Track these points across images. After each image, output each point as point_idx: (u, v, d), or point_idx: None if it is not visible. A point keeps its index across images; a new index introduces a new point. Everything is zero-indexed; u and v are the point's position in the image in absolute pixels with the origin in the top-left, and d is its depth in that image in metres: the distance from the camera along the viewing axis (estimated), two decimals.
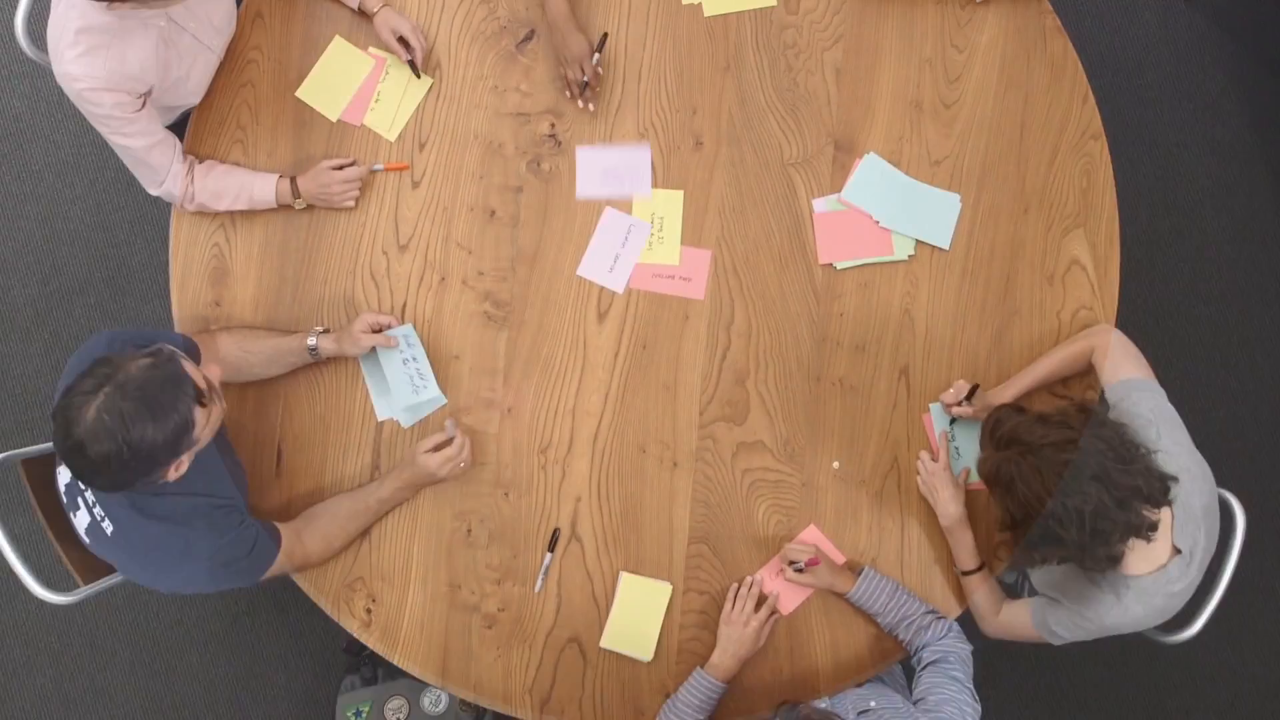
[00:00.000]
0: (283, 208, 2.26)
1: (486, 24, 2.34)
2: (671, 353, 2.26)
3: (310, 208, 2.28)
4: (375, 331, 2.18)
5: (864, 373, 2.26)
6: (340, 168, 2.25)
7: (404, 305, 2.28)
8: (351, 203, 2.26)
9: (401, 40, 2.25)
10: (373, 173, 2.26)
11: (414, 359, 2.22)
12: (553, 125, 2.32)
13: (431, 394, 2.20)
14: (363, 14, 2.28)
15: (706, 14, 2.31)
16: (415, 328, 2.24)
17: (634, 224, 2.31)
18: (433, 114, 2.31)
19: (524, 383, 2.27)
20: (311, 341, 2.16)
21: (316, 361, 2.19)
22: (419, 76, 2.26)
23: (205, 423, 1.78)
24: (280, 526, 2.08)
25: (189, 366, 1.76)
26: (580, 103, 2.25)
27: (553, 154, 2.31)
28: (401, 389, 2.19)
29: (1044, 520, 1.75)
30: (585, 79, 2.21)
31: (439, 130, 2.31)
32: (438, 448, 2.14)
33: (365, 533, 2.22)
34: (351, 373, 2.26)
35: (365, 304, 2.27)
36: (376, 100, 2.31)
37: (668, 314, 2.27)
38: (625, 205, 2.29)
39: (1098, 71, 2.35)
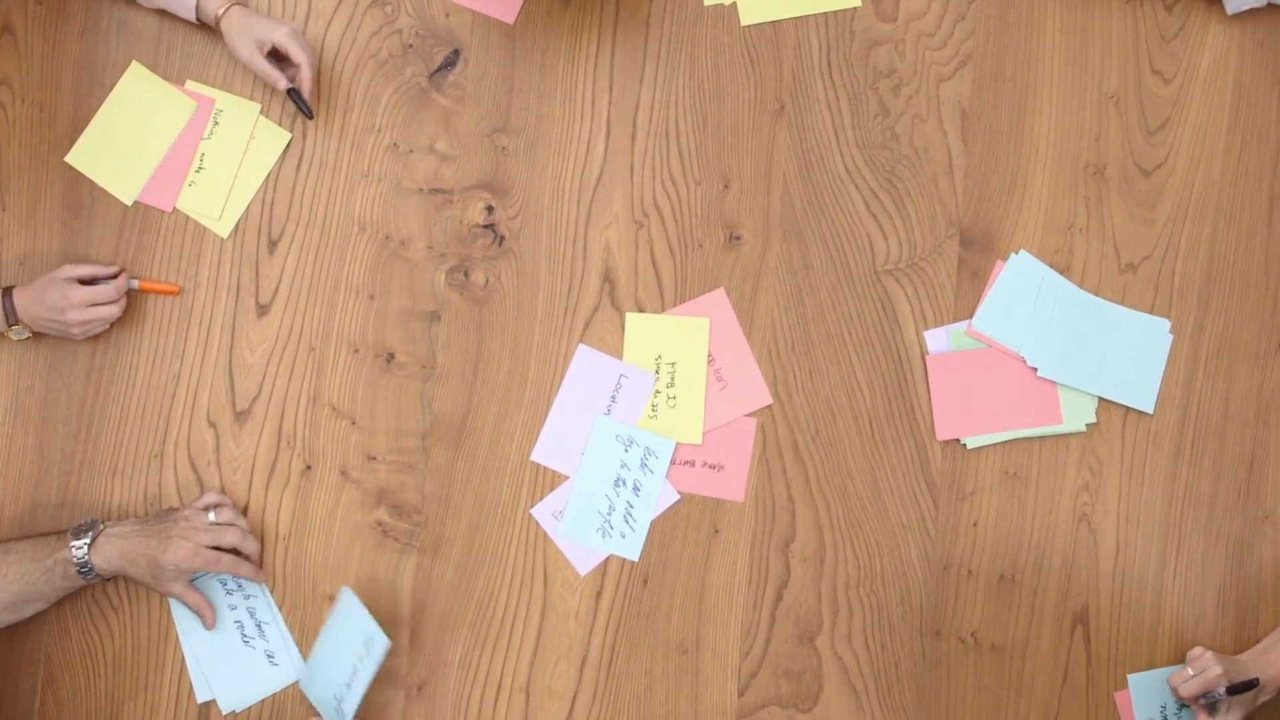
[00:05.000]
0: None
1: (380, 42, 1.74)
2: (691, 591, 1.74)
3: (97, 340, 1.68)
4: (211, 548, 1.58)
5: (1013, 622, 1.74)
6: (92, 280, 1.66)
7: (246, 509, 1.71)
8: (104, 326, 1.69)
9: (275, 56, 1.65)
10: (130, 291, 1.73)
11: (251, 612, 1.62)
12: (490, 209, 1.73)
13: (298, 670, 1.68)
14: (204, 26, 1.68)
15: (745, 22, 1.75)
16: (260, 557, 1.71)
17: (626, 374, 1.67)
18: (290, 190, 1.74)
19: (444, 641, 1.78)
20: (80, 553, 1.58)
21: (96, 582, 1.66)
22: (309, 116, 1.68)
23: None
24: None
25: None
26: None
27: (490, 255, 1.73)
28: (244, 658, 1.64)
29: None
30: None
31: (301, 218, 1.74)
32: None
33: None
34: (157, 608, 1.69)
35: (181, 503, 1.74)
36: (199, 169, 1.70)
37: (685, 526, 1.74)
38: (612, 340, 1.70)
39: None
